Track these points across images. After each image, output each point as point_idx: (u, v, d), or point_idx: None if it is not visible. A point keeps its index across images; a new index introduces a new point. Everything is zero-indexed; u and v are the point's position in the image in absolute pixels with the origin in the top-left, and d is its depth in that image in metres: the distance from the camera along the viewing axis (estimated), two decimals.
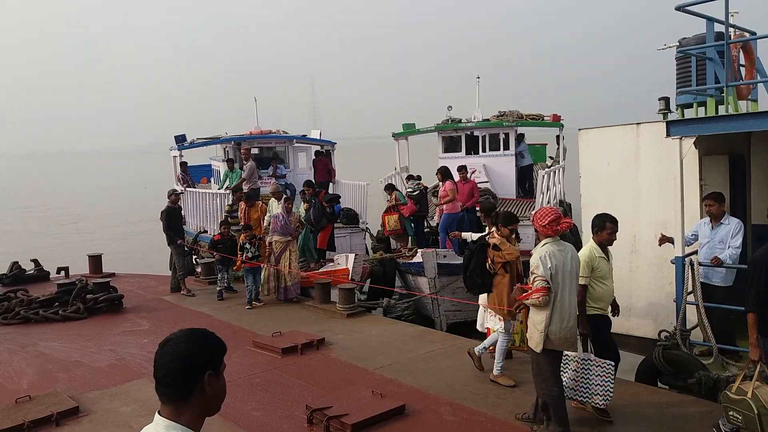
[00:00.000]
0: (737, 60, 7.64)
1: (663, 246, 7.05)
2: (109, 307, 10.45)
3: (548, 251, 5.07)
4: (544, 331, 5.03)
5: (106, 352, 8.29)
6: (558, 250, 5.11)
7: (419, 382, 6.75)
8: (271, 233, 10.63)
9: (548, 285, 4.99)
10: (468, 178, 13.08)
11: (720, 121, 6.60)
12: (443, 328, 10.67)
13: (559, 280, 5.05)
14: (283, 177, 16.99)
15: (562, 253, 5.12)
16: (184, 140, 17.56)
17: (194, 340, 1.94)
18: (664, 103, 7.62)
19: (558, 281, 5.04)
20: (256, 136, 17.38)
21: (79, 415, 6.16)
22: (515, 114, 15.61)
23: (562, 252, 5.13)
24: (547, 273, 4.99)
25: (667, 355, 6.41)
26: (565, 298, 5.09)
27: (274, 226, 10.61)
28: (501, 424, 5.62)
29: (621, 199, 7.95)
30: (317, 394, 6.43)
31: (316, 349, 7.98)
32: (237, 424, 5.78)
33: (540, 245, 5.22)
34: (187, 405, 1.90)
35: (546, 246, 5.14)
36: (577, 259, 5.28)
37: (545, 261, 5.02)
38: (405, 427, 5.63)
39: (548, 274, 4.99)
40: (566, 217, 5.33)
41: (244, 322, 9.52)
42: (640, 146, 7.80)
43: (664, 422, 5.50)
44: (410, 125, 17.02)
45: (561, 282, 5.06)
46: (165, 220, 11.42)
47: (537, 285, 5.01)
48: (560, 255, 5.09)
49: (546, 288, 4.99)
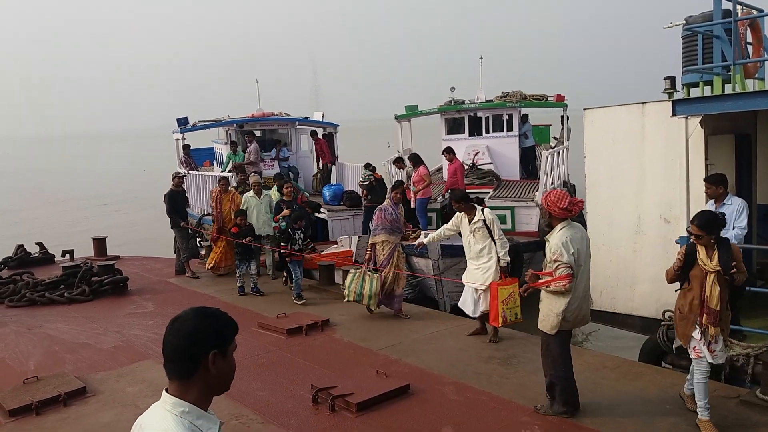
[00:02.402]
0: (744, 38, 7.56)
1: (667, 226, 7.03)
2: (114, 289, 10.50)
3: (568, 236, 5.01)
4: (561, 314, 5.00)
5: (112, 333, 8.35)
6: (574, 233, 5.07)
7: (423, 362, 6.79)
8: (376, 231, 8.47)
9: (572, 272, 4.95)
10: (453, 160, 13.11)
11: (726, 100, 6.53)
12: (447, 309, 10.69)
13: (581, 262, 5.05)
14: (285, 159, 16.97)
15: (577, 235, 5.08)
16: (186, 123, 17.52)
17: (202, 319, 1.94)
18: (670, 82, 7.56)
19: (580, 264, 5.03)
20: (259, 118, 17.33)
21: (87, 395, 6.21)
22: (519, 94, 15.48)
23: (578, 234, 5.10)
24: (571, 259, 4.94)
25: (671, 335, 6.40)
26: (581, 279, 5.09)
27: (382, 222, 8.39)
28: (504, 403, 5.64)
29: (626, 179, 7.92)
30: (322, 374, 6.47)
31: (321, 330, 8.02)
32: (243, 404, 5.82)
33: (557, 230, 5.10)
34: (191, 382, 1.90)
35: (564, 230, 5.06)
36: (588, 239, 5.25)
37: (568, 247, 4.95)
38: (409, 405, 5.67)
39: (572, 261, 4.94)
40: (577, 199, 5.27)
41: (249, 303, 9.56)
42: (645, 126, 7.74)
43: (667, 401, 5.52)
44: (413, 107, 16.90)
45: (582, 265, 5.07)
46: (168, 203, 11.44)
47: (561, 272, 4.94)
48: (577, 238, 5.06)
49: (571, 275, 4.94)
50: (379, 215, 8.49)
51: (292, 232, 9.59)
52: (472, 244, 7.29)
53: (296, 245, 9.57)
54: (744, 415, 5.17)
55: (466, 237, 7.36)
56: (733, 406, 5.34)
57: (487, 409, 5.57)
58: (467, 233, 7.33)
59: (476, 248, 7.25)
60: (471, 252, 7.34)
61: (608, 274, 8.03)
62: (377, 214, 8.54)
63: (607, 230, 8.09)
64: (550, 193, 5.22)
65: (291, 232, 9.59)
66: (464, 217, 7.36)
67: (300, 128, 18.07)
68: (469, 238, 7.32)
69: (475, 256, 7.29)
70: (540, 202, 12.31)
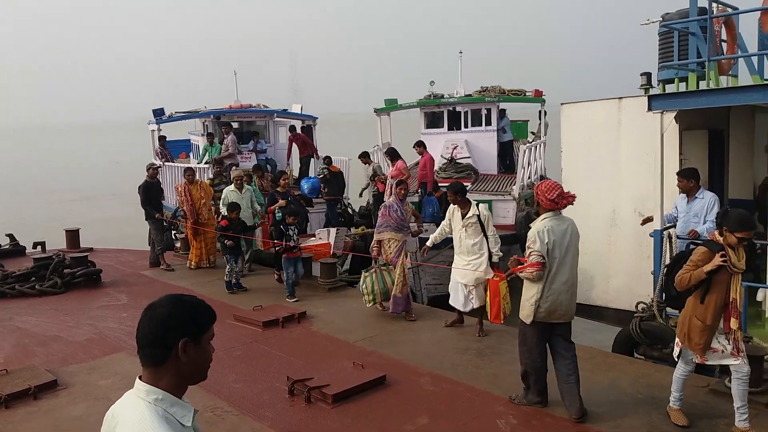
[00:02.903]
0: (719, 35, 7.67)
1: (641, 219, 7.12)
2: (87, 281, 10.33)
3: (547, 226, 5.01)
4: (534, 304, 5.02)
5: (85, 326, 8.21)
6: (557, 224, 5.04)
7: (400, 353, 6.79)
8: (380, 228, 8.13)
9: (543, 261, 4.95)
10: (423, 153, 13.16)
11: (701, 96, 6.63)
12: (424, 301, 10.73)
13: (556, 254, 4.99)
14: (263, 152, 16.83)
15: (560, 227, 5.05)
16: (163, 114, 17.28)
17: (176, 306, 1.91)
18: (646, 78, 7.66)
19: (555, 256, 4.99)
20: (236, 110, 17.13)
21: (57, 388, 6.11)
22: (497, 89, 15.54)
23: (561, 227, 5.06)
24: (543, 248, 4.95)
25: (644, 327, 6.51)
26: (561, 272, 5.01)
27: (386, 219, 8.06)
28: (479, 394, 5.68)
29: (602, 173, 8.00)
30: (298, 366, 6.44)
31: (298, 323, 7.98)
32: (218, 396, 5.77)
33: (539, 219, 5.12)
34: (164, 369, 1.87)
35: (545, 221, 5.06)
36: (576, 234, 5.16)
37: (542, 236, 4.97)
38: (385, 396, 5.67)
39: (544, 250, 4.95)
40: (569, 193, 5.23)
41: (225, 296, 9.46)
42: (621, 121, 7.83)
43: (640, 391, 5.60)
44: (392, 101, 16.86)
45: (558, 257, 5.00)
46: (142, 195, 11.27)
47: (532, 259, 4.97)
48: (558, 230, 5.03)
49: (540, 263, 4.95)
50: (384, 212, 8.14)
51: (285, 228, 9.16)
52: (464, 239, 7.15)
53: (290, 241, 9.18)
54: (713, 404, 5.27)
55: (458, 231, 7.21)
56: (703, 394, 5.45)
57: (462, 399, 5.59)
58: (459, 227, 7.19)
59: (467, 243, 7.10)
60: (462, 247, 7.19)
61: (583, 266, 8.10)
62: (381, 210, 8.23)
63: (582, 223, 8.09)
64: (543, 183, 5.19)
65: (284, 228, 9.16)
66: (457, 210, 7.21)
67: (278, 120, 17.92)
68: (460, 233, 7.17)
69: (466, 252, 7.14)
70: (516, 196, 12.46)
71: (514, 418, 5.15)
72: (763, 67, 7.65)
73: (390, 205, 8.20)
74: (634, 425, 4.95)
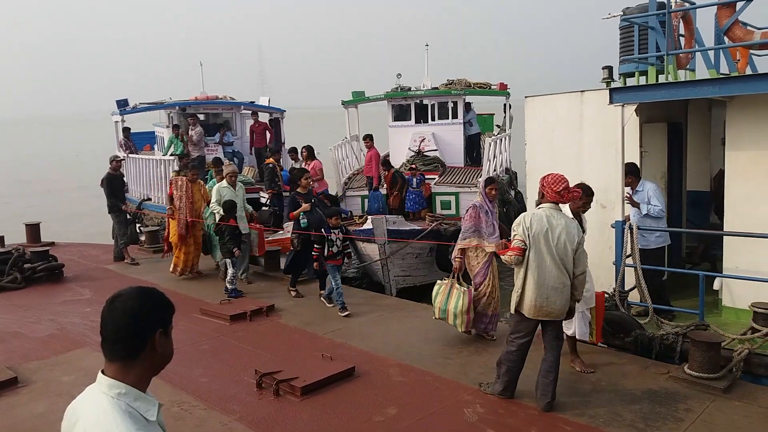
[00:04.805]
0: (677, 30, 7.86)
1: (603, 211, 7.28)
2: (49, 276, 10.11)
3: (536, 214, 4.99)
4: (517, 291, 5.04)
5: (46, 321, 8.04)
6: (550, 216, 4.96)
7: (369, 345, 6.83)
8: (466, 234, 6.75)
9: (524, 246, 4.92)
10: (371, 147, 13.26)
11: (660, 89, 6.79)
12: (393, 293, 10.80)
13: (542, 247, 4.90)
14: (230, 144, 16.66)
15: (554, 220, 4.95)
16: (126, 105, 16.98)
17: (145, 297, 1.90)
18: (608, 71, 7.79)
19: (540, 248, 4.90)
20: (202, 101, 16.90)
21: (18, 385, 5.97)
22: (463, 82, 15.64)
23: (555, 220, 4.95)
24: (524, 234, 4.92)
25: (607, 316, 6.65)
26: (546, 267, 4.91)
27: (474, 223, 6.71)
28: (447, 383, 5.75)
29: (565, 165, 8.09)
30: (266, 359, 6.42)
31: (266, 316, 7.95)
32: (184, 390, 5.71)
33: (536, 207, 5.12)
34: (135, 363, 1.85)
35: (538, 209, 5.05)
36: (574, 233, 4.98)
37: (526, 222, 4.95)
38: (354, 388, 5.70)
39: (525, 235, 4.92)
40: (575, 188, 5.23)
41: (191, 290, 9.37)
42: (584, 113, 7.96)
43: (603, 379, 5.74)
44: (360, 93, 16.83)
45: (545, 250, 4.90)
46: (106, 188, 11.06)
47: (513, 244, 4.99)
48: (548, 221, 4.93)
49: (520, 248, 4.93)
50: (472, 214, 6.74)
51: (326, 231, 7.96)
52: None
53: (333, 247, 7.97)
54: (673, 390, 5.44)
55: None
56: (663, 381, 5.62)
57: (430, 388, 5.66)
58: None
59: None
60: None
61: None
62: (469, 212, 6.81)
63: None
64: (549, 175, 5.08)
65: (325, 231, 7.95)
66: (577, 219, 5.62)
67: (245, 113, 17.74)
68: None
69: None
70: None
71: (481, 407, 5.23)
72: (719, 62, 7.87)
73: (480, 205, 6.77)
74: (597, 413, 5.07)
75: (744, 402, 5.17)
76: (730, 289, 6.87)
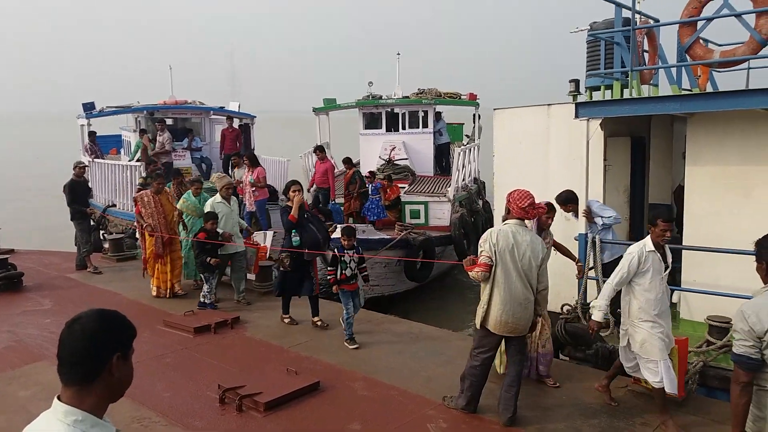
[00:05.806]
0: (642, 45, 8.03)
1: (567, 223, 7.37)
2: (8, 285, 9.83)
3: (502, 230, 5.01)
4: (483, 307, 5.04)
5: (4, 333, 7.82)
6: (515, 232, 4.98)
7: (335, 358, 6.79)
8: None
9: (490, 263, 4.93)
10: (324, 160, 13.24)
11: (624, 104, 6.93)
12: (361, 303, 10.73)
13: (508, 263, 4.92)
14: (198, 150, 16.45)
15: (520, 237, 4.97)
16: (93, 108, 16.66)
17: (104, 320, 1.85)
18: (574, 85, 7.91)
19: (507, 264, 4.92)
20: (171, 106, 16.67)
21: None
22: (434, 92, 15.74)
23: (521, 236, 4.97)
24: (491, 250, 4.93)
25: (569, 328, 6.74)
26: (512, 283, 4.93)
27: None
28: (412, 398, 5.75)
29: (531, 177, 8.21)
30: (230, 373, 6.34)
31: (231, 328, 7.85)
32: (145, 406, 5.62)
33: (502, 223, 5.14)
34: (91, 388, 1.80)
35: (504, 225, 5.06)
36: (538, 248, 5.01)
37: (492, 238, 4.96)
38: (318, 403, 5.66)
39: (492, 251, 4.92)
40: (540, 204, 5.24)
41: (155, 302, 9.20)
42: (550, 127, 8.07)
43: (564, 393, 5.81)
44: (331, 100, 16.80)
45: (512, 266, 4.92)
46: (69, 194, 10.81)
47: (480, 260, 4.99)
48: (514, 238, 4.94)
49: (487, 265, 4.93)
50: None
51: (339, 250, 7.21)
52: (666, 292, 5.12)
53: (347, 270, 7.17)
54: (631, 404, 5.55)
55: (660, 281, 5.04)
56: (622, 394, 5.72)
57: (395, 403, 5.65)
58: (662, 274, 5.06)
59: (666, 298, 5.13)
60: (663, 305, 5.06)
61: None
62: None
63: None
64: (516, 191, 5.12)
65: (338, 251, 7.18)
66: (655, 253, 5.02)
67: (214, 118, 17.54)
68: (663, 283, 5.08)
69: (667, 311, 5.13)
70: (451, 197, 12.65)
71: (444, 422, 5.24)
72: (681, 78, 8.05)
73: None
74: (557, 428, 5.12)
75: (699, 416, 5.28)
76: (687, 303, 7.01)
